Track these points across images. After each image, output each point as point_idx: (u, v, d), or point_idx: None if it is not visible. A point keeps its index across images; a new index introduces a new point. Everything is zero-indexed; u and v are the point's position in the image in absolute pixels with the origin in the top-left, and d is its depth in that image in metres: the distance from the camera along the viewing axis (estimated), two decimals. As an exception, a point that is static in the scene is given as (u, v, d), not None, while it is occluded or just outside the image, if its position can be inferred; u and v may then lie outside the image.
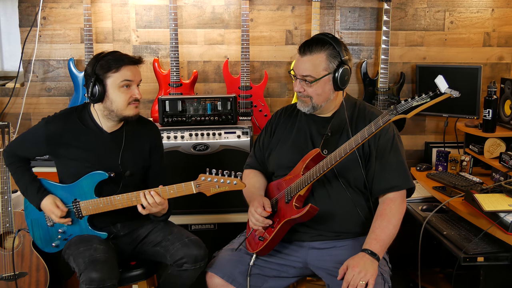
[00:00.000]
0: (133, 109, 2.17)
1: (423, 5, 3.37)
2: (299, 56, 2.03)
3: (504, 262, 2.26)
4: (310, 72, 1.99)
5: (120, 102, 2.13)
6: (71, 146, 2.19)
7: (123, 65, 2.11)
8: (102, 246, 2.12)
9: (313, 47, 1.99)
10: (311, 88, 2.01)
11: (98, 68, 2.10)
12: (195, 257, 2.11)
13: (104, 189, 2.19)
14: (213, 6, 3.30)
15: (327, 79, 2.01)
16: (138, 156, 2.28)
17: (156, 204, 2.10)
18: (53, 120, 2.21)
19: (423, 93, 1.66)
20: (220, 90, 3.38)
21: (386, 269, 2.01)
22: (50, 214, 2.18)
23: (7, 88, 3.34)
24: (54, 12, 3.25)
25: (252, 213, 2.03)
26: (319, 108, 2.06)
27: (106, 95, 2.12)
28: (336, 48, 1.99)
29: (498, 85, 3.01)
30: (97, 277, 1.94)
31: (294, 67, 2.06)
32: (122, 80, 2.11)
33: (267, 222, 2.00)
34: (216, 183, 2.03)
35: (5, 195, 2.57)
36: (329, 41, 1.99)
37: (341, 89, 2.03)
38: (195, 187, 2.06)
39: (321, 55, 1.99)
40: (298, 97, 2.09)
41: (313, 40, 2.02)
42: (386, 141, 2.03)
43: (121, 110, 2.14)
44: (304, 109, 2.08)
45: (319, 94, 2.03)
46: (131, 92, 2.14)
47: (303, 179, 1.96)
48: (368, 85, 3.32)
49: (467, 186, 2.69)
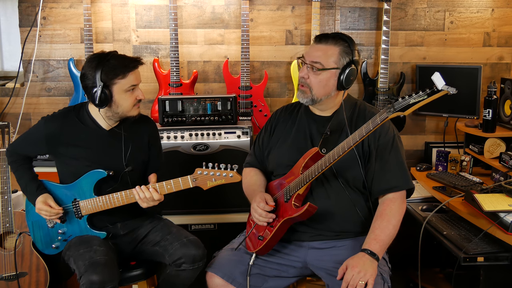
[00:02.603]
0: (137, 109, 2.23)
1: (423, 5, 3.37)
2: (314, 43, 2.06)
3: (504, 262, 2.26)
4: (321, 59, 2.00)
5: (127, 105, 2.17)
6: (70, 144, 2.19)
7: (129, 71, 2.13)
8: (102, 247, 2.12)
9: (329, 39, 2.03)
10: (316, 77, 2.01)
11: (104, 75, 2.09)
12: (193, 257, 2.12)
13: (103, 188, 2.19)
14: (213, 6, 3.30)
15: (333, 73, 2.01)
16: (138, 150, 2.29)
17: (153, 199, 2.11)
18: (52, 119, 2.23)
19: (420, 90, 1.66)
20: (220, 90, 3.38)
21: (386, 269, 2.01)
22: (40, 212, 2.19)
23: (7, 88, 3.34)
24: (54, 12, 3.25)
25: (255, 208, 2.04)
26: (318, 101, 2.05)
27: (113, 100, 2.14)
28: (350, 47, 2.02)
29: (498, 85, 3.01)
30: (97, 280, 1.95)
31: (305, 53, 2.07)
32: (130, 85, 2.14)
33: (271, 216, 2.01)
34: (213, 176, 2.04)
35: (5, 195, 2.57)
36: (345, 38, 2.03)
37: (344, 88, 2.04)
38: (191, 181, 2.07)
39: (335, 48, 2.01)
40: (299, 86, 2.09)
41: (331, 34, 2.06)
42: (386, 141, 2.03)
43: (127, 112, 2.19)
44: (303, 100, 2.07)
45: (322, 86, 2.02)
46: (135, 94, 2.18)
47: (302, 178, 1.96)
48: (368, 85, 3.32)
49: (467, 186, 2.68)
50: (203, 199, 2.86)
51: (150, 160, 2.34)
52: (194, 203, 2.87)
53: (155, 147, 2.37)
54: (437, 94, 1.62)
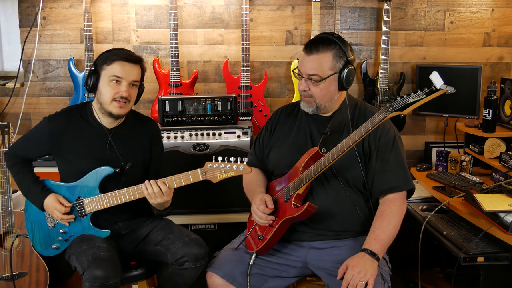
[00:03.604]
0: (117, 107, 2.15)
1: (423, 5, 3.37)
2: (305, 55, 2.01)
3: (504, 262, 2.26)
4: (317, 71, 1.98)
5: (106, 96, 2.14)
6: (73, 143, 2.20)
7: (115, 60, 2.13)
8: (104, 244, 2.12)
9: (320, 46, 1.98)
10: (316, 87, 2.01)
11: (99, 60, 2.16)
12: (196, 255, 2.12)
13: (107, 186, 2.19)
14: (213, 6, 3.30)
15: (332, 79, 2.00)
16: (139, 150, 2.29)
17: (161, 194, 2.10)
18: (55, 118, 2.23)
19: (418, 89, 1.66)
20: (220, 90, 3.38)
21: (386, 269, 2.01)
22: (53, 211, 2.17)
23: (7, 88, 3.34)
24: (54, 12, 3.25)
25: (255, 211, 2.04)
26: (323, 108, 2.06)
27: (98, 86, 2.16)
28: (343, 48, 1.98)
29: (498, 85, 3.01)
30: (101, 275, 1.94)
31: (299, 65, 2.04)
32: (112, 75, 2.13)
33: (271, 219, 2.01)
34: (223, 169, 2.03)
35: (5, 195, 2.57)
36: (335, 40, 1.99)
37: (345, 89, 2.03)
38: (201, 175, 2.06)
39: (327, 54, 1.97)
40: (302, 97, 2.08)
41: (320, 39, 2.01)
42: (387, 141, 2.03)
43: (106, 104, 2.16)
44: (308, 109, 2.07)
45: (324, 94, 2.02)
46: (118, 88, 2.14)
47: (302, 178, 1.96)
48: (368, 85, 3.32)
49: (467, 186, 2.68)
50: (203, 199, 2.87)
51: (151, 161, 2.34)
52: (194, 203, 2.87)
53: (157, 149, 2.36)
54: (436, 93, 1.62)
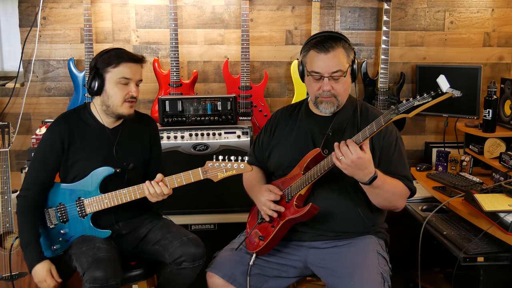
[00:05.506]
0: (128, 107, 2.17)
1: (423, 5, 3.37)
2: (321, 55, 1.99)
3: (504, 262, 2.26)
4: (340, 66, 1.99)
5: (117, 98, 2.15)
6: (75, 145, 2.19)
7: (122, 62, 2.13)
8: (104, 245, 2.12)
9: (331, 43, 2.00)
10: (339, 84, 2.02)
11: (100, 62, 2.14)
12: (193, 255, 2.12)
13: (109, 186, 2.19)
14: (213, 6, 3.30)
15: (349, 72, 2.04)
16: (140, 149, 2.30)
17: (163, 194, 2.11)
18: (56, 124, 2.23)
19: (424, 92, 1.66)
20: (220, 90, 3.38)
21: (386, 269, 2.01)
22: (42, 282, 2.10)
23: (7, 88, 3.34)
24: (54, 12, 3.25)
25: (263, 202, 2.04)
26: (341, 105, 2.08)
27: (104, 89, 2.15)
28: (347, 41, 2.04)
29: (498, 85, 3.01)
30: (101, 276, 1.94)
31: (315, 67, 2.00)
32: (120, 76, 2.13)
33: (279, 208, 2.01)
34: (224, 167, 2.04)
35: (5, 195, 2.57)
36: (337, 35, 2.04)
37: (355, 79, 2.07)
38: (202, 174, 2.07)
39: (340, 49, 2.01)
40: (322, 99, 2.03)
41: (326, 38, 2.01)
42: (390, 143, 2.04)
43: (116, 106, 2.16)
44: (331, 110, 2.06)
45: (345, 89, 2.06)
46: (128, 89, 2.15)
47: (304, 179, 1.96)
48: (368, 85, 3.32)
49: (467, 186, 2.69)
50: (203, 199, 2.87)
51: (152, 158, 2.34)
52: (194, 203, 2.87)
53: (156, 145, 2.38)
54: (442, 96, 1.63)
